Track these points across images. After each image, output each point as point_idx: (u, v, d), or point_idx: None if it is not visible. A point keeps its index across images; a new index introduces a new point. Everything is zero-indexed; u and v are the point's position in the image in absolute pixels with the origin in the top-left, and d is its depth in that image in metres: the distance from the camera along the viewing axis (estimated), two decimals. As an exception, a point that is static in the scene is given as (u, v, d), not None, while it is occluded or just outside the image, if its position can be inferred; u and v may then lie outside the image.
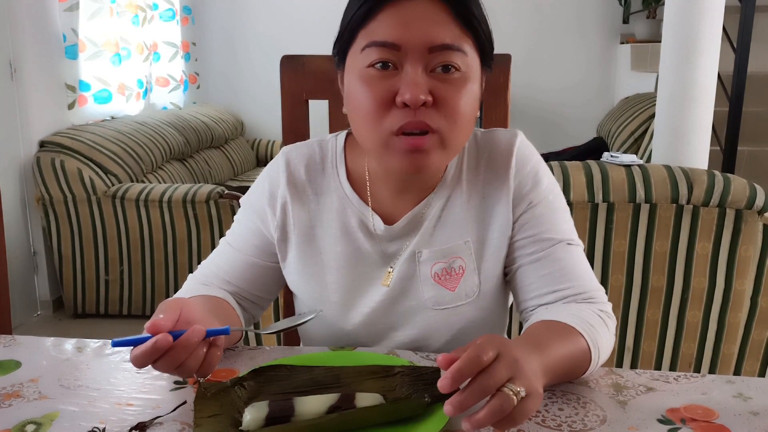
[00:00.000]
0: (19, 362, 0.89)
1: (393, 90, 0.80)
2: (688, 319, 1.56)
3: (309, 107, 1.22)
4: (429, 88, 0.79)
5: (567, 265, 0.90)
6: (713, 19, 2.12)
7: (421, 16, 0.79)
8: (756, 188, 1.47)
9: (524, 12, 4.30)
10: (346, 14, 0.84)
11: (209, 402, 0.75)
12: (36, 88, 3.06)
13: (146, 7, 3.90)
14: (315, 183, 0.97)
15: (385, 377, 0.80)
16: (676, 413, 0.75)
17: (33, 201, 3.04)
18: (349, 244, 0.94)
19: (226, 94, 4.76)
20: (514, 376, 0.63)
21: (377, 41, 0.80)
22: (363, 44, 0.81)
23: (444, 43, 0.79)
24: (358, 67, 0.82)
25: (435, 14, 0.79)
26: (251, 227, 0.98)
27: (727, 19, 2.30)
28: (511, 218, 0.92)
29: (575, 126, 4.41)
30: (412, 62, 0.79)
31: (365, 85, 0.81)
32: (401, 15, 0.79)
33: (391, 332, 0.95)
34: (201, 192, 2.93)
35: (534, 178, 0.93)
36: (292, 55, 1.20)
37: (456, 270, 0.92)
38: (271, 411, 0.71)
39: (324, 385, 0.79)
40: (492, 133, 0.96)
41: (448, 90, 0.80)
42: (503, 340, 0.66)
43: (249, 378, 0.80)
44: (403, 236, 0.94)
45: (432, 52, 0.79)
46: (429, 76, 0.80)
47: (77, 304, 3.08)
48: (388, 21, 0.79)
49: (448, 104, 0.80)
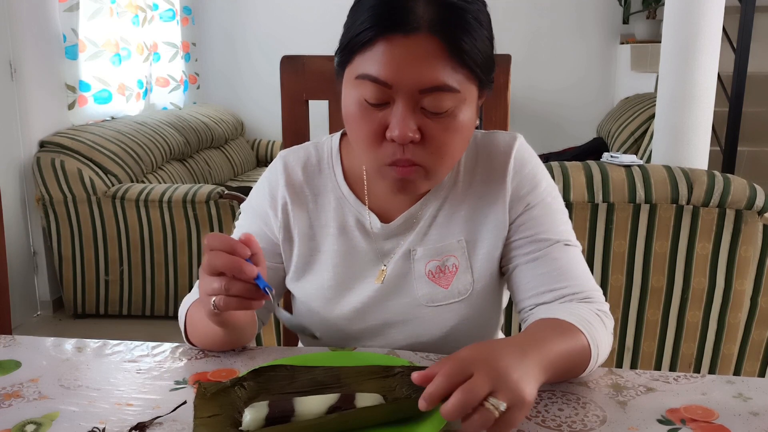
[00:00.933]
0: (19, 362, 0.89)
1: (384, 124, 0.81)
2: (688, 320, 1.56)
3: (309, 107, 1.23)
4: (418, 125, 0.80)
5: (564, 264, 0.91)
6: (713, 19, 2.12)
7: (414, 56, 0.78)
8: (756, 188, 1.47)
9: (524, 12, 4.30)
10: (347, 29, 0.83)
11: (209, 402, 0.75)
12: (36, 88, 3.06)
13: (146, 8, 3.90)
14: (312, 184, 0.98)
15: (385, 377, 0.80)
16: (676, 413, 0.75)
17: (33, 201, 3.04)
18: (346, 242, 0.96)
19: (226, 94, 4.76)
20: (495, 389, 0.63)
21: (370, 75, 0.80)
22: (359, 71, 0.81)
23: (435, 85, 0.79)
24: (354, 93, 0.83)
25: (428, 52, 0.78)
26: (255, 231, 0.99)
27: (727, 19, 2.30)
28: (507, 219, 0.93)
29: (575, 126, 4.41)
30: (403, 101, 0.80)
31: (359, 114, 0.83)
32: (395, 53, 0.78)
33: (386, 328, 0.96)
34: (201, 192, 2.93)
35: (532, 181, 0.94)
36: (292, 56, 1.20)
37: (449, 268, 0.94)
38: (270, 411, 0.71)
39: (324, 386, 0.80)
40: (491, 135, 0.97)
41: (437, 128, 0.81)
42: (486, 351, 0.67)
43: (249, 378, 0.80)
44: (398, 235, 0.95)
45: (423, 93, 0.79)
46: (419, 113, 0.81)
47: (77, 304, 3.08)
48: (381, 56, 0.79)
49: (435, 141, 0.82)
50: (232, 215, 2.95)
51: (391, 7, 0.78)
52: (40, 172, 2.97)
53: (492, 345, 0.69)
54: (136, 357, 0.91)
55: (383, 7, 0.79)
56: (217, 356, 0.91)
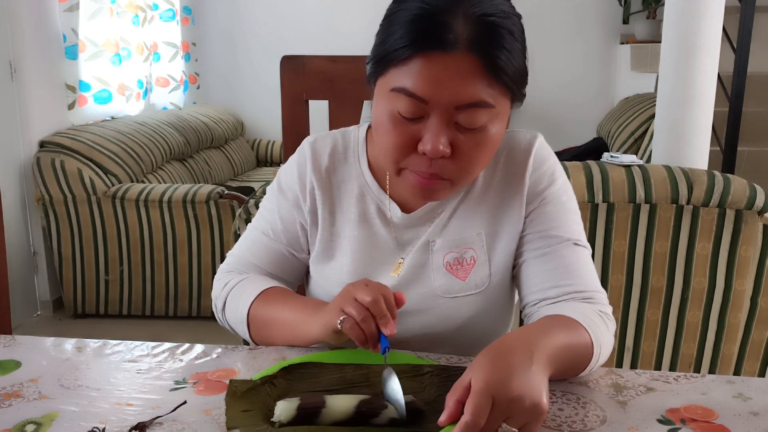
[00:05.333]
0: (19, 362, 0.89)
1: (416, 137, 0.82)
2: (688, 319, 1.56)
3: (309, 107, 1.23)
4: (450, 140, 0.81)
5: (571, 263, 0.92)
6: (713, 19, 2.12)
7: (452, 73, 0.78)
8: (756, 188, 1.47)
9: (524, 12, 4.23)
10: (381, 41, 0.83)
11: (240, 399, 0.76)
12: (36, 88, 3.06)
13: (146, 8, 3.90)
14: (337, 171, 1.00)
15: (414, 377, 0.81)
16: (676, 413, 0.75)
17: (33, 201, 3.04)
18: (366, 230, 0.98)
19: (226, 94, 4.76)
20: (510, 415, 0.65)
21: (407, 90, 0.80)
22: (394, 84, 0.81)
23: (472, 101, 0.79)
24: (388, 104, 0.83)
25: (466, 70, 0.78)
26: (284, 215, 1.01)
27: (727, 19, 2.29)
28: (523, 213, 0.95)
29: (575, 126, 4.41)
30: (438, 116, 0.80)
31: (391, 125, 0.83)
32: (432, 69, 0.78)
33: (401, 317, 0.96)
34: (201, 192, 2.93)
35: (549, 177, 0.96)
36: (292, 56, 1.20)
37: (467, 260, 0.95)
38: (302, 402, 0.72)
39: (353, 384, 0.80)
40: (513, 133, 0.98)
41: (469, 144, 0.82)
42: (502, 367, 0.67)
43: (279, 376, 0.81)
44: (418, 225, 0.97)
45: (458, 109, 0.80)
46: (452, 128, 0.81)
47: (77, 304, 3.08)
48: (419, 72, 0.79)
49: (465, 157, 0.82)
50: (232, 215, 2.95)
51: (430, 23, 0.78)
52: (40, 172, 2.97)
53: (502, 354, 0.70)
54: (136, 357, 0.91)
55: (422, 23, 0.78)
56: (217, 356, 0.91)
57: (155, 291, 3.06)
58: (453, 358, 0.90)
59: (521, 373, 0.67)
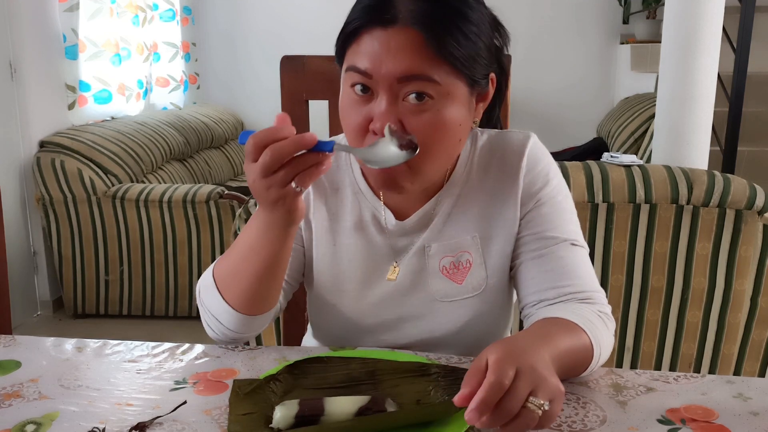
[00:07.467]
0: (19, 362, 0.89)
1: (368, 117, 0.84)
2: (688, 319, 1.56)
3: (309, 107, 1.22)
4: (401, 119, 0.82)
5: (569, 263, 0.91)
6: (713, 19, 2.12)
7: (394, 46, 0.80)
8: (756, 188, 1.47)
9: (524, 12, 4.29)
10: (343, 27, 0.86)
11: (243, 400, 0.76)
12: (36, 88, 3.06)
13: (146, 8, 3.90)
14: (331, 178, 1.00)
15: (421, 376, 0.80)
16: (676, 413, 0.75)
17: (33, 201, 3.04)
18: (362, 237, 0.97)
19: (226, 94, 4.76)
20: (535, 387, 0.63)
21: (354, 66, 0.83)
22: (348, 63, 0.85)
23: (412, 73, 0.80)
24: (344, 87, 0.86)
25: (406, 43, 0.80)
26: None
27: (727, 19, 2.29)
28: (518, 215, 0.94)
29: (575, 126, 4.41)
30: (383, 91, 0.82)
31: (348, 107, 0.86)
32: (375, 44, 0.81)
33: (400, 323, 0.97)
34: (201, 192, 2.93)
35: (544, 178, 0.95)
36: (292, 56, 1.20)
37: (463, 264, 0.95)
38: (300, 409, 0.72)
39: (359, 382, 0.80)
40: (506, 133, 0.98)
41: (418, 120, 0.82)
42: (515, 348, 0.67)
43: (284, 372, 0.80)
44: (413, 232, 0.96)
45: (401, 82, 0.81)
46: (401, 105, 0.82)
47: (77, 304, 3.08)
48: (365, 48, 0.82)
49: (418, 137, 0.82)
50: (232, 215, 2.95)
51: (375, 2, 0.82)
52: (40, 172, 2.97)
53: (514, 342, 0.70)
54: (136, 357, 0.91)
55: (368, 1, 0.83)
56: (217, 356, 0.91)
57: (155, 291, 3.06)
58: (453, 359, 0.90)
59: (536, 352, 0.68)
